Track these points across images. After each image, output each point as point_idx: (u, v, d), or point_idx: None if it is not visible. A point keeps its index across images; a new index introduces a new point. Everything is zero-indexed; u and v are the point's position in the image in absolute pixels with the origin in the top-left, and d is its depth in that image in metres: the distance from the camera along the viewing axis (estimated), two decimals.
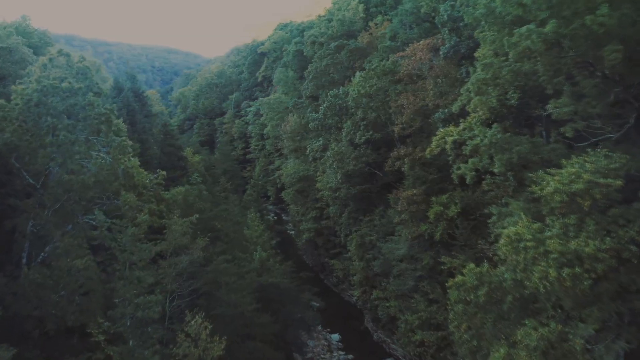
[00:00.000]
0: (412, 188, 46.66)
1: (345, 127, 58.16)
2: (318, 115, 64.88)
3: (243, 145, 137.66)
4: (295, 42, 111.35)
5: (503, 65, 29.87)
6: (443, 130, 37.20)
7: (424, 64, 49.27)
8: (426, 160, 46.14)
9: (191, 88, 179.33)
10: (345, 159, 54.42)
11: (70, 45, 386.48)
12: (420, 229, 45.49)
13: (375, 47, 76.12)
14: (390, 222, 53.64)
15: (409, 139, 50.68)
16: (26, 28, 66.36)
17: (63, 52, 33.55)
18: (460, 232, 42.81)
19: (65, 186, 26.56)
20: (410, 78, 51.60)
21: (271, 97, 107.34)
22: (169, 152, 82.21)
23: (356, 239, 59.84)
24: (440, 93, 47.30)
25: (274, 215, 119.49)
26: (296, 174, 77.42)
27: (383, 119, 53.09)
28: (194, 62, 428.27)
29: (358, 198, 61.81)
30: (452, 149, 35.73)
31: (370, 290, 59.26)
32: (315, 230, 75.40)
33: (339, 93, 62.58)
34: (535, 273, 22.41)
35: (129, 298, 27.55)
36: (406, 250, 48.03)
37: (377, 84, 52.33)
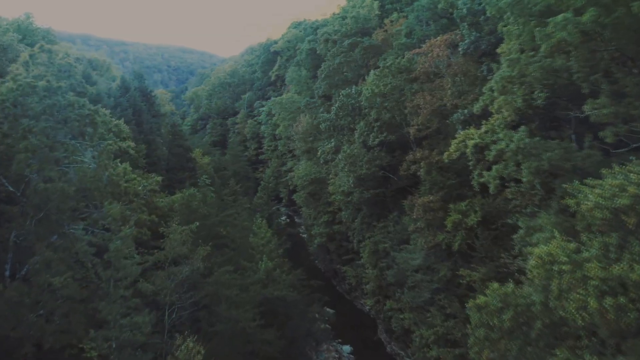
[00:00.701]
0: (428, 194, 43.55)
1: (358, 128, 55.16)
2: (330, 116, 61.97)
3: (256, 146, 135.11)
4: (309, 41, 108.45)
5: (531, 61, 26.65)
6: (463, 132, 34.12)
7: (442, 61, 46.10)
8: (444, 164, 43.08)
9: (204, 88, 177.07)
10: (357, 162, 51.41)
11: (86, 44, 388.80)
12: (437, 239, 42.38)
13: (390, 44, 73.06)
14: (405, 229, 50.55)
15: (425, 141, 47.56)
16: (29, 26, 64.40)
17: (44, 48, 31.07)
18: (481, 243, 39.60)
19: (42, 195, 24.01)
20: (426, 76, 48.47)
21: (283, 97, 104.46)
22: (178, 153, 79.94)
23: (369, 246, 56.87)
24: (458, 92, 44.16)
25: (287, 217, 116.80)
26: (308, 176, 74.56)
27: (398, 119, 50.03)
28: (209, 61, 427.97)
29: (371, 203, 58.83)
30: (473, 154, 32.58)
31: (383, 300, 56.36)
32: (327, 235, 72.55)
33: (351, 92, 59.60)
34: (572, 302, 19.28)
35: (114, 319, 24.90)
36: (422, 260, 44.93)
37: (392, 83, 49.27)
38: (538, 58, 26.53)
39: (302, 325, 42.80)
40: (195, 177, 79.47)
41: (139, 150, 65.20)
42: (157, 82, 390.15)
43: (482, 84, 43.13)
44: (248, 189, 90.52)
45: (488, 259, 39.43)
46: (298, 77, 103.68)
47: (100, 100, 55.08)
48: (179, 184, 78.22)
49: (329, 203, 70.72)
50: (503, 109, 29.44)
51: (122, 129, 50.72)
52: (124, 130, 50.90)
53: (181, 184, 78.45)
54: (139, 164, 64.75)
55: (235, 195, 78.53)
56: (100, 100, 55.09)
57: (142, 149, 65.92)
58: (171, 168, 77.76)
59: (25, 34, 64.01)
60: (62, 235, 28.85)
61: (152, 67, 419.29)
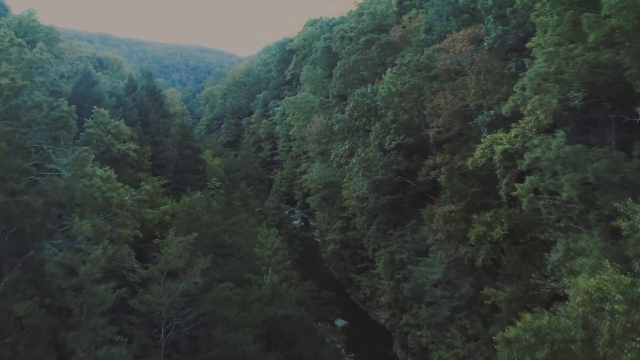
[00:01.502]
0: (449, 203, 39.76)
1: (374, 130, 51.48)
2: (343, 117, 58.36)
3: (270, 147, 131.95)
4: (325, 38, 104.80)
5: (572, 54, 22.82)
6: (489, 137, 30.39)
7: (465, 57, 42.28)
8: (467, 170, 39.29)
9: (219, 87, 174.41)
10: (372, 166, 47.75)
11: (104, 44, 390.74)
12: (459, 252, 38.60)
13: (408, 41, 69.23)
14: (423, 239, 46.84)
15: (446, 145, 43.74)
16: (30, 22, 61.83)
17: (15, 42, 27.97)
18: (507, 259, 35.75)
19: (4, 209, 20.93)
20: (448, 74, 44.67)
21: (297, 96, 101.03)
22: (187, 154, 77.18)
23: (385, 256, 53.26)
24: (483, 91, 40.33)
25: (301, 220, 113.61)
26: (321, 179, 71.03)
27: (417, 121, 46.30)
28: (228, 61, 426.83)
29: (387, 209, 55.19)
30: (501, 161, 28.80)
31: (399, 314, 52.75)
32: (340, 242, 69.03)
33: (366, 92, 55.95)
34: (629, 352, 15.56)
35: (87, 350, 21.70)
36: (441, 275, 41.22)
37: (410, 81, 45.52)
38: (581, 51, 22.70)
39: (310, 345, 39.31)
40: (205, 179, 76.62)
41: (144, 152, 62.42)
42: (175, 81, 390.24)
43: (509, 83, 39.37)
44: (260, 192, 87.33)
45: (515, 277, 35.60)
46: (313, 76, 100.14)
47: (101, 100, 52.19)
48: (187, 186, 75.49)
49: (343, 208, 67.18)
50: (538, 111, 25.63)
51: (122, 130, 47.74)
52: (124, 131, 47.92)
53: (190, 186, 75.69)
54: (144, 167, 61.97)
55: (245, 199, 75.52)
56: (102, 100, 52.18)
57: (148, 150, 63.07)
58: (180, 170, 74.96)
59: (26, 31, 61.46)
60: (39, 250, 25.75)
61: (170, 67, 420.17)
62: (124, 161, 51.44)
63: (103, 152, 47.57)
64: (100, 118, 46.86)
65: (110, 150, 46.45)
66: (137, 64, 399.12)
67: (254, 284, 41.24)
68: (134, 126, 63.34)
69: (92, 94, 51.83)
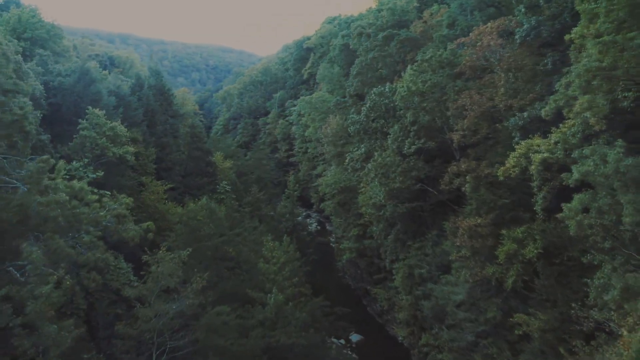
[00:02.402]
0: (475, 216, 35.42)
1: (392, 133, 47.26)
2: (359, 118, 54.18)
3: (287, 148, 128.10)
4: (342, 36, 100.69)
5: (631, 45, 18.46)
6: (525, 143, 26.04)
7: (493, 52, 37.86)
8: (495, 179, 34.97)
9: (236, 86, 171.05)
10: (390, 173, 43.55)
11: (125, 43, 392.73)
12: (486, 272, 34.26)
13: (429, 37, 64.86)
14: (445, 253, 42.58)
15: (471, 150, 39.37)
16: (30, 19, 58.81)
17: None
18: (542, 283, 31.36)
19: None
20: (473, 71, 40.30)
21: (313, 96, 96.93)
22: (196, 157, 73.65)
23: (403, 269, 49.11)
24: (513, 91, 35.93)
25: (317, 224, 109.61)
26: (337, 184, 66.92)
27: (439, 123, 42.03)
28: (248, 60, 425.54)
29: (406, 218, 51.04)
30: (539, 172, 24.47)
31: (419, 333, 48.63)
32: (356, 251, 64.92)
33: (384, 91, 51.74)
34: None
35: None
36: (465, 295, 36.95)
37: (432, 79, 41.21)
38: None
39: None
40: (215, 182, 73.13)
41: (148, 154, 59.08)
42: (195, 80, 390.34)
43: (543, 81, 34.98)
44: (273, 196, 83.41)
45: (550, 303, 31.22)
46: (330, 74, 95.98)
47: (99, 99, 48.82)
48: (196, 190, 72.05)
49: (359, 215, 63.05)
50: (587, 113, 21.29)
51: (119, 132, 44.26)
52: (120, 133, 44.45)
53: (199, 190, 72.25)
54: (148, 170, 58.64)
55: (257, 204, 71.88)
56: (100, 100, 48.82)
57: (152, 153, 59.71)
58: (189, 173, 71.50)
59: (26, 28, 58.52)
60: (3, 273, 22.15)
61: (190, 66, 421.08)
62: (123, 165, 48.02)
63: (98, 155, 44.20)
64: (95, 119, 43.43)
65: (105, 154, 42.98)
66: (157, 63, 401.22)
67: (258, 302, 37.40)
68: (139, 127, 60.12)
69: (89, 93, 48.49)
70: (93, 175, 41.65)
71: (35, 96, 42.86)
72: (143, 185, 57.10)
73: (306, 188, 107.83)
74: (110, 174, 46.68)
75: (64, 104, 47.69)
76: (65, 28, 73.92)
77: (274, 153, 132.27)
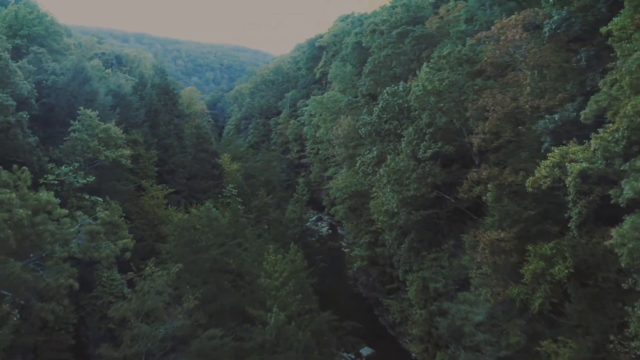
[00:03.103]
0: (497, 228, 31.92)
1: (406, 135, 43.80)
2: (371, 119, 50.74)
3: (298, 148, 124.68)
4: (355, 33, 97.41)
5: None
6: (559, 150, 22.51)
7: (518, 47, 34.27)
8: (520, 187, 31.48)
9: (248, 85, 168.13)
10: (404, 179, 40.12)
11: (139, 43, 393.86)
12: (509, 292, 30.71)
13: (446, 33, 61.37)
14: (463, 267, 39.13)
15: (493, 155, 35.82)
16: (27, 15, 56.25)
17: None
18: (573, 307, 27.80)
19: None
20: (495, 68, 36.73)
21: (324, 96, 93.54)
22: (202, 158, 70.81)
23: (417, 282, 45.76)
24: (541, 90, 32.40)
25: (328, 228, 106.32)
26: (347, 188, 63.56)
27: (457, 125, 38.52)
28: (262, 60, 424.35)
29: (421, 226, 47.69)
30: (575, 184, 20.99)
31: (433, 350, 45.22)
32: (368, 259, 61.56)
33: (398, 90, 48.30)
34: None
35: None
36: (485, 316, 33.42)
37: (450, 78, 37.69)
38: None
39: None
40: (222, 185, 70.13)
41: (149, 157, 56.24)
42: (209, 80, 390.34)
43: (575, 79, 31.41)
44: (282, 200, 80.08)
45: (582, 330, 27.64)
46: (342, 73, 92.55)
47: (94, 99, 46.01)
48: (202, 194, 69.15)
49: (371, 221, 59.63)
50: None
51: (113, 134, 41.38)
52: (114, 135, 41.56)
53: (204, 194, 69.33)
54: (148, 173, 55.80)
55: (264, 208, 68.83)
56: (95, 100, 46.00)
57: (153, 155, 56.84)
58: (193, 176, 68.61)
59: (23, 24, 55.96)
60: None
61: (204, 66, 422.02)
62: (119, 169, 45.17)
63: (91, 159, 41.37)
64: (87, 120, 40.58)
65: (98, 157, 40.13)
66: (171, 62, 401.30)
67: (258, 320, 34.25)
68: (140, 128, 57.35)
69: (84, 92, 45.67)
70: (83, 180, 38.82)
71: (23, 96, 40.18)
72: (143, 190, 54.31)
73: (318, 190, 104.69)
74: (105, 178, 43.89)
75: (57, 104, 44.94)
76: (79, 27, 72.11)
77: (285, 154, 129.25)
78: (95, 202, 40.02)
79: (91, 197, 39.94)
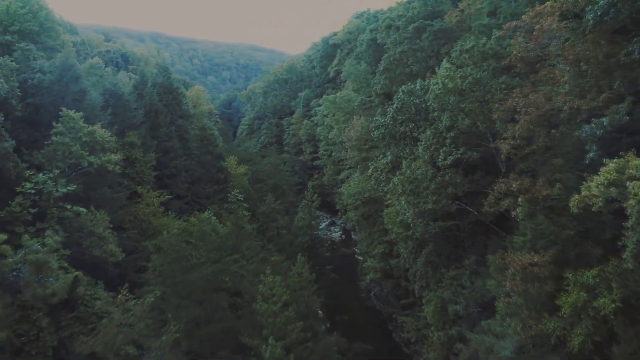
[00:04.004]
0: (529, 250, 27.36)
1: (424, 139, 39.26)
2: (385, 120, 46.28)
3: (312, 150, 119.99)
4: (370, 30, 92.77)
5: None
6: (614, 164, 17.94)
7: (553, 39, 29.63)
8: (556, 202, 26.93)
9: (260, 84, 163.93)
10: (421, 189, 35.61)
11: (155, 42, 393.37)
12: (543, 326, 26.12)
13: (467, 27, 56.79)
14: (487, 289, 34.59)
15: (524, 164, 31.17)
16: (18, 10, 52.61)
17: None
18: (622, 350, 23.15)
19: None
20: (526, 64, 32.10)
21: (337, 95, 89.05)
22: (206, 162, 66.87)
23: (435, 302, 41.28)
24: (581, 89, 27.77)
25: (342, 232, 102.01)
26: (360, 194, 59.12)
27: (482, 128, 33.97)
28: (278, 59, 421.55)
29: (439, 238, 43.19)
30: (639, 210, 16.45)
31: None
32: (382, 271, 57.18)
33: (415, 89, 43.82)
34: None
35: None
36: (513, 351, 28.79)
37: (474, 75, 33.13)
38: None
39: None
40: (227, 190, 66.08)
41: (146, 160, 52.44)
42: (225, 79, 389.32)
43: (624, 76, 26.73)
44: (291, 205, 75.66)
45: None
46: (356, 71, 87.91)
47: (82, 99, 42.24)
48: (205, 199, 65.24)
49: (385, 230, 55.13)
50: None
51: (99, 137, 37.52)
52: (100, 139, 37.69)
53: (208, 199, 65.42)
54: (145, 178, 51.99)
55: (271, 215, 64.67)
56: (82, 100, 42.23)
57: (151, 158, 53.02)
58: (197, 180, 64.67)
59: (13, 20, 52.36)
60: None
61: (221, 65, 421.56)
62: (109, 175, 41.36)
63: (75, 165, 37.57)
64: (70, 122, 36.76)
65: (81, 163, 36.31)
66: (188, 61, 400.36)
67: (254, 351, 30.12)
68: (138, 130, 53.59)
69: (71, 91, 41.90)
70: (64, 189, 34.99)
71: (1, 96, 36.55)
72: (139, 196, 50.52)
73: (331, 193, 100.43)
74: (93, 185, 40.14)
75: (42, 105, 41.21)
76: (95, 27, 68.76)
77: (298, 155, 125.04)
78: (79, 213, 36.30)
79: (73, 207, 36.17)
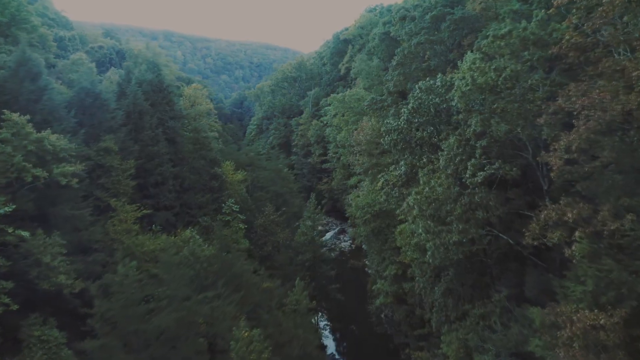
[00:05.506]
0: (591, 304, 20.04)
1: (446, 148, 31.88)
2: (398, 123, 38.94)
3: (321, 152, 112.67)
4: (384, 23, 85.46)
5: None
6: None
7: (618, 22, 22.20)
8: (629, 241, 19.59)
9: (268, 83, 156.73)
10: (443, 214, 28.26)
11: (168, 40, 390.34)
12: None
13: (493, 15, 49.30)
14: (523, 335, 27.38)
15: (579, 185, 23.73)
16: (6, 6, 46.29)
17: None
18: None
19: None
20: (582, 53, 24.64)
21: (346, 93, 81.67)
22: (199, 167, 59.95)
23: (456, 344, 33.97)
24: None
25: (351, 242, 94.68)
26: (370, 207, 51.69)
27: (523, 137, 26.58)
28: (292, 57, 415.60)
29: (461, 263, 35.97)
30: None
31: None
32: (393, 295, 49.90)
33: (434, 85, 36.47)
34: None
35: None
36: None
37: (511, 67, 25.78)
38: None
39: None
40: (221, 200, 59.22)
41: (124, 169, 45.74)
42: (238, 78, 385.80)
43: None
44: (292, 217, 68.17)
45: None
46: (367, 68, 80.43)
47: (38, 99, 35.53)
48: (197, 210, 58.33)
49: (397, 249, 47.84)
50: None
51: (48, 146, 30.74)
52: (50, 147, 30.90)
53: (200, 209, 58.51)
54: (122, 190, 45.25)
55: (270, 228, 57.67)
56: (39, 100, 35.54)
57: (131, 166, 46.28)
58: (187, 189, 57.78)
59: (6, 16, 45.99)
60: None
61: (234, 64, 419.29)
62: (67, 189, 34.57)
63: (17, 179, 30.81)
64: (13, 128, 30.05)
65: (24, 178, 29.56)
66: (200, 60, 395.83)
67: None
68: (119, 133, 46.92)
69: (27, 91, 35.23)
70: (0, 210, 28.30)
71: None
72: (115, 210, 43.80)
73: (340, 199, 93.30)
74: (45, 203, 33.41)
75: None
76: (108, 25, 62.61)
77: (307, 157, 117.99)
78: (22, 238, 29.63)
79: (16, 231, 29.49)
